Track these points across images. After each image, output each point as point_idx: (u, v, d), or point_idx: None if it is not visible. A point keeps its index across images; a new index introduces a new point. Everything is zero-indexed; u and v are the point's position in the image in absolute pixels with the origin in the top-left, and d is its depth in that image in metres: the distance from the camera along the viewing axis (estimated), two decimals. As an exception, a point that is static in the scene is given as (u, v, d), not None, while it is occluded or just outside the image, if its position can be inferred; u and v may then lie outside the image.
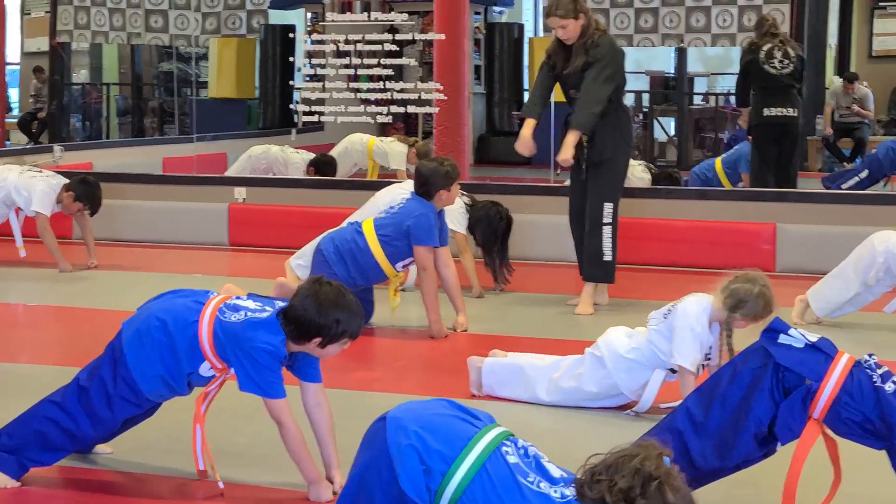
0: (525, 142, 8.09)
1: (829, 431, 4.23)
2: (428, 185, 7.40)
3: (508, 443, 3.57)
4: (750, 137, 11.83)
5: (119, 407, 4.61)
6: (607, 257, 8.26)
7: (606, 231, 8.22)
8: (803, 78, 11.61)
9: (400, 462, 3.53)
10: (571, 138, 7.98)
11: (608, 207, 8.19)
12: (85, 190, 9.78)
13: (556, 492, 3.41)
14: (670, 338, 5.46)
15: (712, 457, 4.18)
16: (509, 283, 8.95)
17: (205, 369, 4.55)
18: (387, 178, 12.32)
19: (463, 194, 8.76)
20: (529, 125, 8.12)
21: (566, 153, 7.95)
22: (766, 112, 11.35)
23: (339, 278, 7.31)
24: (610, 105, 8.12)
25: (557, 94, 8.48)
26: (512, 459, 3.51)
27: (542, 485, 3.45)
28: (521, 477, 3.46)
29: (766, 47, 11.35)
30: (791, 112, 11.36)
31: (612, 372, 5.66)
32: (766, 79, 11.35)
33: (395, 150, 12.67)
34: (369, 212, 8.16)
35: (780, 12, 13.74)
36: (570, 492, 3.38)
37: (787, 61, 11.31)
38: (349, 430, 4.57)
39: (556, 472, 3.49)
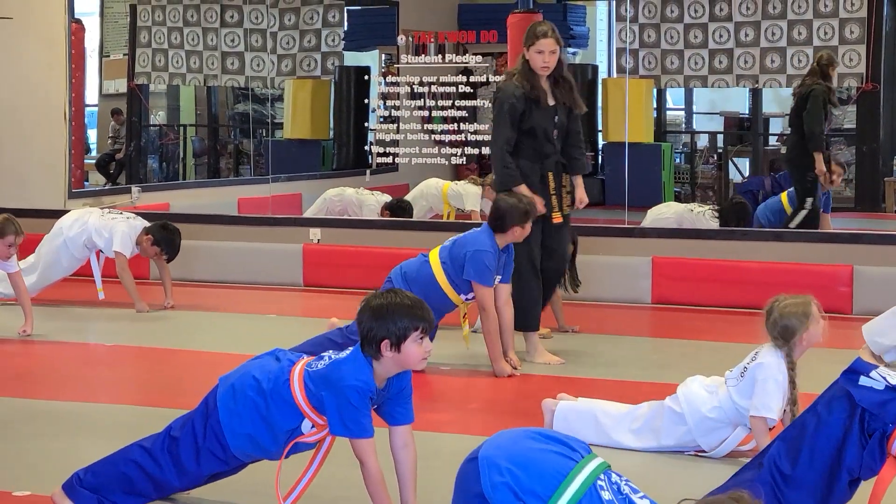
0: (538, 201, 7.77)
1: None
2: (504, 220, 7.40)
3: (603, 477, 3.56)
4: None
5: (206, 461, 4.62)
6: None
7: None
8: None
9: (495, 501, 3.53)
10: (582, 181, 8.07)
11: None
12: (164, 236, 9.85)
13: None
14: (750, 393, 5.43)
15: None
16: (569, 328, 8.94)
17: (306, 427, 4.55)
18: (462, 219, 12.34)
19: None
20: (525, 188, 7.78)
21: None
22: None
23: None
24: None
25: (632, 135, 8.46)
26: (606, 496, 3.52)
27: None
28: None
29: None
30: None
31: (692, 429, 5.62)
32: None
33: (469, 192, 12.69)
34: None
35: (856, 53, 13.66)
36: None
37: None
38: (421, 470, 4.59)
39: None
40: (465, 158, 12.10)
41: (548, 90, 7.89)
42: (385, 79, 13.60)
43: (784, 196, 12.29)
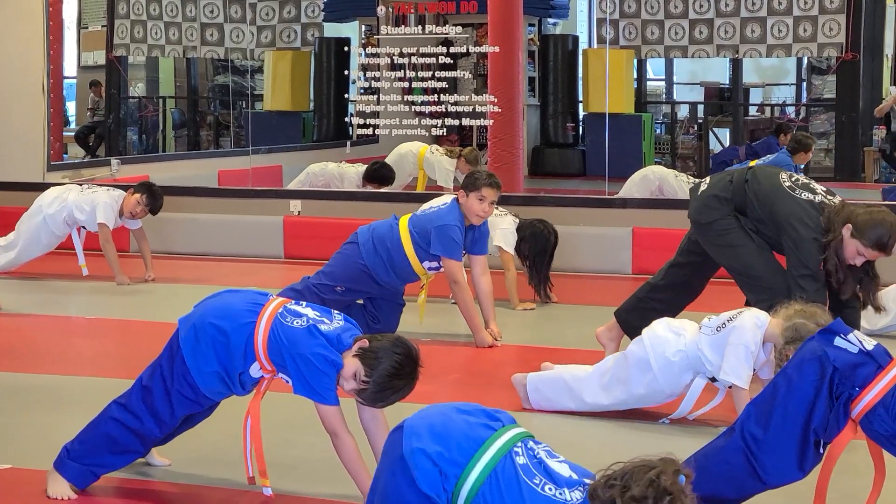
0: None
1: None
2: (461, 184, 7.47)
3: (520, 444, 3.62)
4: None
5: (179, 403, 4.64)
6: None
7: None
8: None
9: (414, 466, 3.60)
10: None
11: None
12: (144, 186, 9.85)
13: (560, 494, 3.49)
14: (720, 350, 5.45)
15: (789, 471, 4.16)
16: (551, 300, 8.94)
17: (254, 370, 4.58)
18: (435, 189, 12.31)
19: (507, 214, 8.83)
20: None
21: None
22: None
23: (368, 269, 7.30)
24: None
25: (613, 106, 8.41)
26: (521, 461, 3.60)
27: (546, 487, 3.52)
28: (526, 478, 3.55)
29: None
30: None
31: (657, 375, 5.63)
32: None
33: (442, 166, 12.63)
34: None
35: (836, 22, 13.68)
36: (577, 495, 3.46)
37: None
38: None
39: (564, 474, 3.55)
40: (445, 129, 12.08)
41: None
42: (365, 50, 13.56)
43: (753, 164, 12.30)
